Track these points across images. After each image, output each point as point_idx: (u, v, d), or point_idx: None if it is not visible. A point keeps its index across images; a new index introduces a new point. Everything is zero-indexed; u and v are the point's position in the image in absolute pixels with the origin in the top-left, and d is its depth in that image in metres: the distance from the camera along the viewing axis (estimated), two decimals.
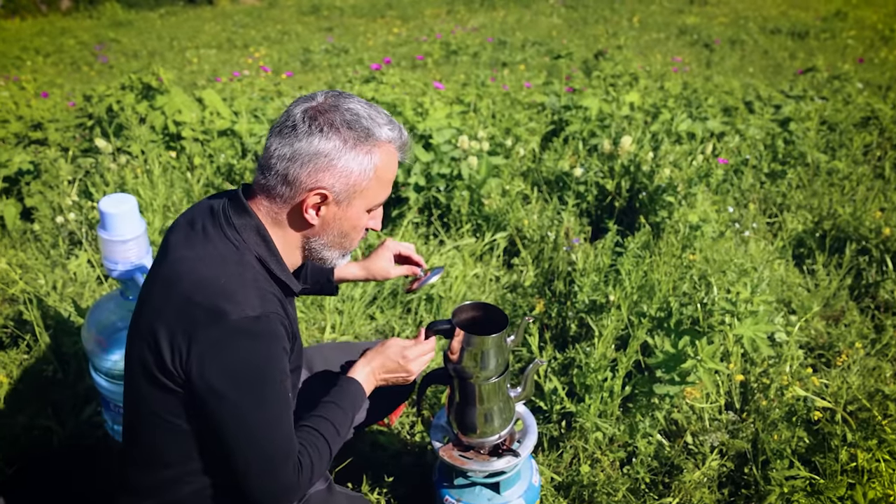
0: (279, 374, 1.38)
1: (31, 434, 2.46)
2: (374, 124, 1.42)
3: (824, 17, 14.27)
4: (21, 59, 12.86)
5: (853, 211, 3.26)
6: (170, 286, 1.39)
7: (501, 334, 1.76)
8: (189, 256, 1.41)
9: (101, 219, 2.14)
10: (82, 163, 3.87)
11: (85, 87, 7.73)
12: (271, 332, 1.36)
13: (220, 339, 1.31)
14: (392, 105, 3.71)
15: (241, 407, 1.34)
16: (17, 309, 2.95)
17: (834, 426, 2.13)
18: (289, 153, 1.38)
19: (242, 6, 22.28)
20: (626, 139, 3.35)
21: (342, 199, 1.43)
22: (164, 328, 1.36)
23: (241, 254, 1.41)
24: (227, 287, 1.35)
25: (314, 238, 1.49)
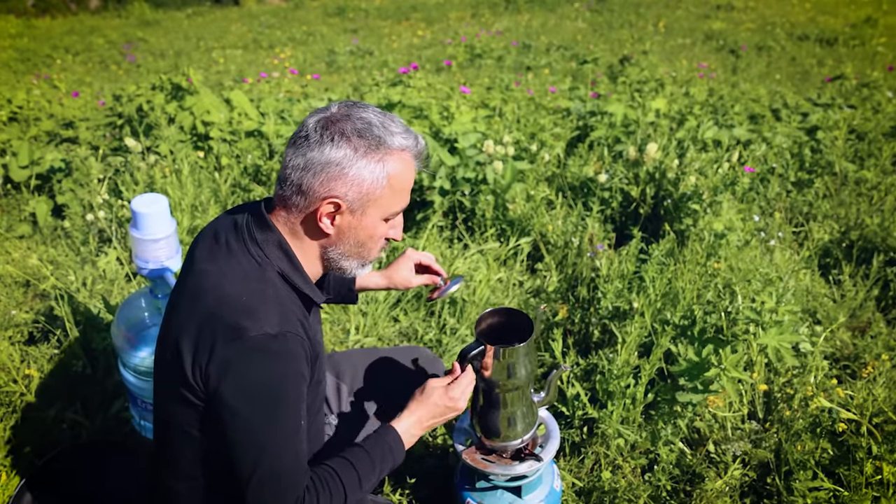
0: (293, 394, 1.39)
1: (60, 427, 2.51)
2: (387, 132, 1.42)
3: (853, 24, 14.10)
4: (51, 58, 13.05)
5: (881, 221, 3.23)
6: (194, 300, 1.42)
7: (530, 341, 1.77)
8: (213, 271, 1.44)
9: (133, 218, 2.19)
10: (112, 161, 3.93)
11: (113, 86, 7.84)
12: (288, 351, 1.37)
13: (238, 355, 1.34)
14: (419, 109, 3.74)
15: (251, 423, 1.36)
16: (48, 304, 3.01)
17: (859, 438, 2.12)
18: (302, 163, 1.39)
19: (268, 7, 22.46)
20: (652, 146, 3.35)
21: (356, 208, 1.43)
22: (188, 342, 1.39)
23: (263, 270, 1.44)
24: (249, 304, 1.37)
25: (331, 247, 1.49)
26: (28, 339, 2.93)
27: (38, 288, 3.24)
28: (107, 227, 3.41)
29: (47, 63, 12.74)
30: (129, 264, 3.26)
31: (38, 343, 2.84)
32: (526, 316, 1.83)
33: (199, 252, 1.51)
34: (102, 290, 3.07)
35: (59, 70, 11.05)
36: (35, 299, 3.22)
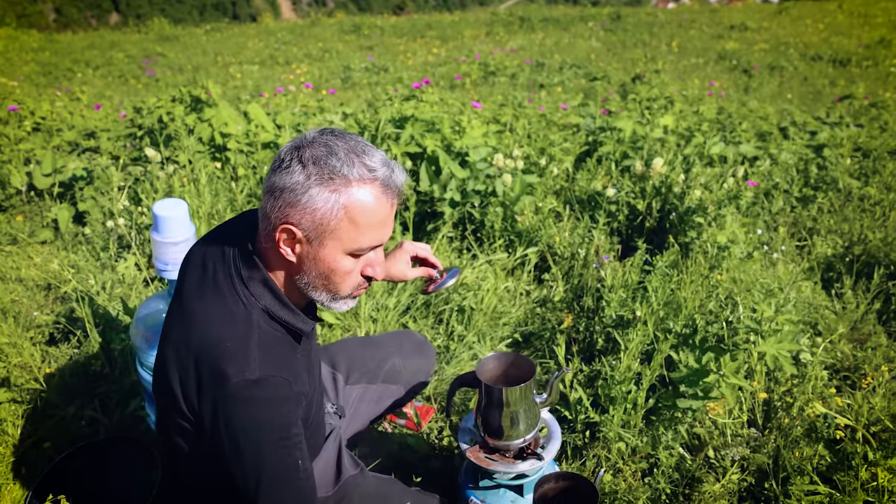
0: (277, 436, 1.42)
1: (79, 424, 2.60)
2: (347, 163, 1.37)
3: (867, 45, 14.14)
4: (72, 71, 13.29)
5: (884, 237, 3.28)
6: (183, 333, 1.48)
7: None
8: (200, 311, 1.47)
9: (154, 221, 2.28)
10: (132, 171, 4.04)
11: (133, 100, 7.99)
12: (269, 397, 1.40)
13: (223, 400, 1.39)
14: (431, 123, 3.83)
15: (248, 459, 1.41)
16: (69, 307, 3.10)
17: (855, 445, 2.17)
18: (267, 187, 1.40)
19: (285, 24, 22.76)
20: (658, 161, 3.42)
21: (312, 238, 1.40)
22: (177, 374, 1.46)
23: (248, 312, 1.45)
24: (232, 349, 1.40)
25: (297, 276, 1.48)
26: (48, 340, 3.02)
27: (59, 291, 3.34)
28: (126, 234, 3.51)
29: (68, 76, 12.96)
30: (148, 269, 3.35)
31: (58, 343, 2.94)
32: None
33: (188, 283, 1.54)
34: (121, 294, 3.17)
35: (79, 83, 11.25)
36: (56, 302, 3.32)
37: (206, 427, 1.43)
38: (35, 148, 4.42)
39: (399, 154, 3.69)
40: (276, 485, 1.42)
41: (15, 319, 3.07)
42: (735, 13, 20.43)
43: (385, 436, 2.53)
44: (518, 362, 2.04)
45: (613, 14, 18.79)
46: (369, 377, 2.18)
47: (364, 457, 2.37)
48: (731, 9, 23.36)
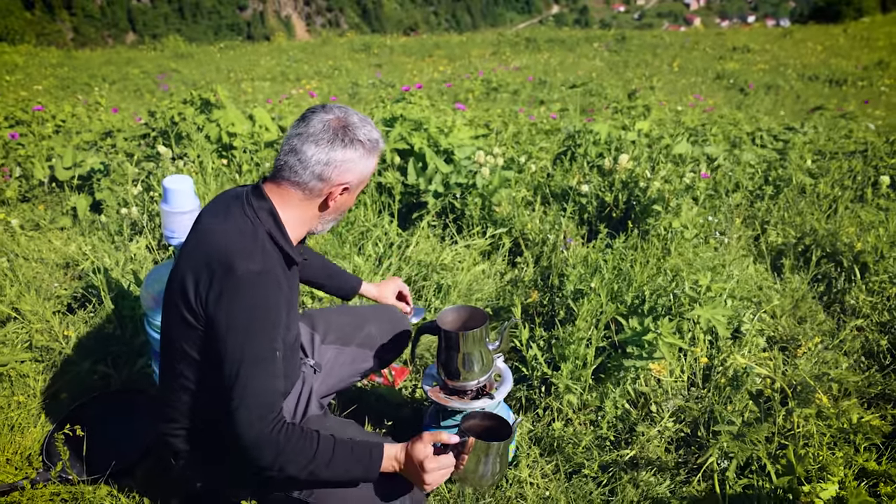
0: (271, 319, 1.77)
1: (92, 378, 2.92)
2: (379, 135, 1.92)
3: (865, 67, 14.44)
4: (89, 86, 13.73)
5: (830, 228, 3.58)
6: (197, 247, 1.83)
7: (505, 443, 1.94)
8: (216, 227, 1.84)
9: (163, 194, 2.60)
10: (145, 166, 4.39)
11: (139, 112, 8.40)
12: (268, 284, 1.76)
13: (231, 286, 1.73)
14: (418, 122, 4.16)
15: (236, 340, 1.72)
16: (86, 281, 3.43)
17: (774, 394, 2.45)
18: (326, 159, 1.82)
19: (297, 42, 23.26)
20: (624, 157, 3.73)
21: (354, 189, 1.91)
22: (192, 277, 1.79)
23: (255, 228, 1.83)
24: (241, 249, 1.76)
25: (327, 216, 1.95)
26: (66, 310, 3.35)
27: (77, 269, 3.67)
28: (139, 220, 3.85)
29: (85, 91, 13.39)
30: (157, 251, 3.68)
31: (75, 311, 3.27)
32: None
33: (205, 216, 1.92)
34: (133, 270, 3.50)
35: (96, 97, 11.70)
36: (73, 279, 3.65)
37: (211, 313, 1.75)
38: (56, 146, 4.79)
39: (388, 150, 4.02)
40: (256, 364, 1.73)
41: (37, 292, 3.40)
42: (740, 36, 20.82)
43: (362, 391, 2.83)
44: (474, 314, 2.34)
45: (618, 36, 19.19)
46: (344, 340, 2.46)
47: (341, 406, 2.67)
48: (737, 32, 23.76)
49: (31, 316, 3.19)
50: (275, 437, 1.71)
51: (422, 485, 1.84)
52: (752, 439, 2.22)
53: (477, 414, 2.02)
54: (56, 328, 3.13)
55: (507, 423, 1.96)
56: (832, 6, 36.83)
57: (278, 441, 1.71)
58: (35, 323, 3.16)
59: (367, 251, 3.55)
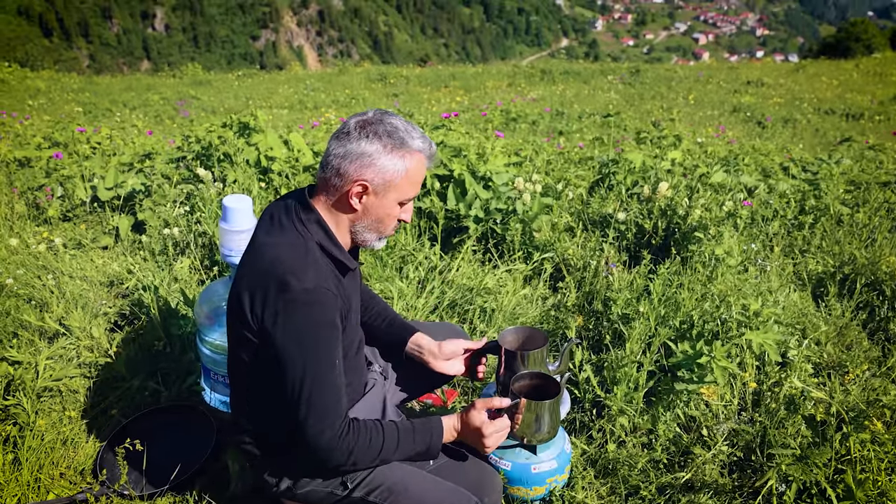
0: (327, 335, 1.80)
1: (142, 394, 2.94)
2: (409, 136, 1.85)
3: (881, 101, 14.52)
4: (111, 111, 13.91)
5: (870, 256, 3.60)
6: (254, 264, 1.88)
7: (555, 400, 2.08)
8: (269, 243, 1.88)
9: (223, 212, 2.65)
10: (184, 188, 4.45)
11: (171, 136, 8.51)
12: (323, 301, 1.79)
13: (285, 304, 1.77)
14: (458, 149, 4.22)
15: (294, 359, 1.78)
16: (135, 297, 3.47)
17: (830, 418, 2.46)
18: (342, 152, 1.84)
19: (314, 72, 23.54)
20: (664, 185, 3.78)
21: (379, 191, 1.86)
22: (248, 294, 1.84)
23: (305, 241, 1.87)
24: (293, 266, 1.80)
25: (358, 222, 1.92)
26: (111, 329, 3.38)
27: (121, 288, 3.71)
28: (181, 240, 3.89)
29: (106, 116, 13.56)
30: (201, 271, 3.72)
31: (123, 328, 3.30)
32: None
33: (259, 231, 1.97)
34: (176, 290, 3.53)
35: (112, 122, 11.85)
36: (117, 297, 3.69)
37: (268, 330, 1.79)
38: (94, 167, 4.86)
39: (428, 176, 4.07)
40: (317, 377, 1.78)
41: (83, 309, 3.44)
42: (753, 70, 20.97)
43: (413, 412, 2.84)
44: (533, 335, 2.37)
45: (633, 69, 19.35)
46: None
47: None
48: (750, 66, 23.93)
49: (80, 332, 3.22)
50: (345, 440, 1.80)
51: (483, 448, 1.98)
52: (815, 462, 2.22)
53: (525, 375, 2.18)
54: (104, 344, 3.17)
55: (555, 381, 2.12)
56: (841, 42, 37.16)
57: (349, 443, 1.81)
58: (83, 339, 3.19)
59: (410, 274, 3.58)
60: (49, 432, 2.71)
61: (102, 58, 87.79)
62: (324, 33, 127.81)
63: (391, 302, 3.43)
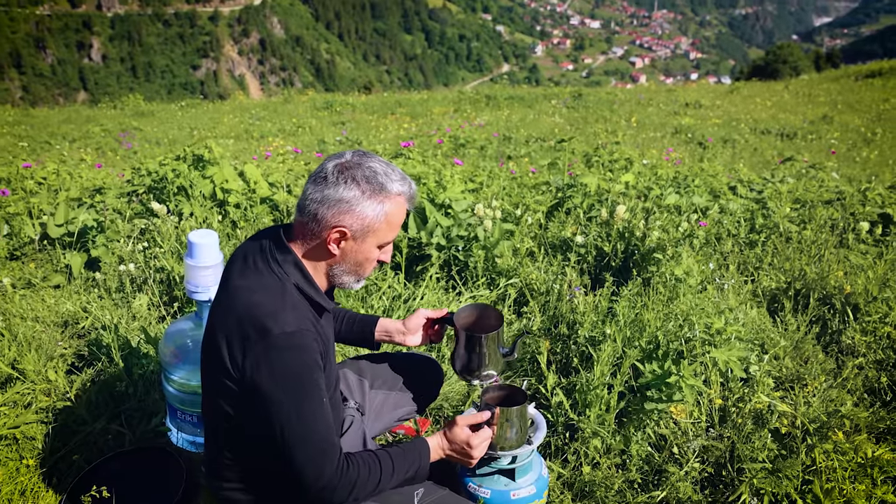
0: (311, 376, 1.78)
1: (105, 438, 2.85)
2: (389, 180, 1.82)
3: (811, 121, 15.11)
4: (49, 144, 13.56)
5: (819, 272, 3.73)
6: (229, 309, 1.84)
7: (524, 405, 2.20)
8: (244, 286, 1.85)
9: (188, 248, 2.61)
10: (137, 223, 4.36)
11: (116, 169, 8.34)
12: (304, 344, 1.77)
13: (266, 351, 1.74)
14: (417, 177, 4.24)
15: (283, 404, 1.74)
16: (91, 338, 3.38)
17: (795, 430, 2.53)
18: (319, 198, 1.81)
19: (259, 101, 23.38)
20: (621, 208, 3.86)
21: (358, 237, 1.84)
22: (225, 340, 1.80)
23: (282, 284, 1.85)
24: (272, 310, 1.78)
25: (336, 266, 1.91)
26: (68, 371, 3.28)
27: (77, 328, 3.60)
28: (138, 276, 3.81)
29: (45, 149, 13.20)
30: (159, 308, 3.64)
31: (81, 370, 3.20)
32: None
33: (233, 271, 1.93)
34: (136, 328, 3.45)
35: (56, 156, 11.55)
36: (73, 338, 3.58)
37: (251, 377, 1.74)
38: (42, 203, 4.73)
39: None
40: (308, 420, 1.75)
41: (37, 351, 3.33)
42: (690, 92, 21.62)
43: (388, 443, 2.82)
44: (487, 313, 2.41)
45: (575, 93, 19.74)
46: (389, 385, 2.52)
47: None
48: (686, 88, 24.67)
49: (35, 376, 3.12)
50: (345, 477, 1.78)
51: (469, 460, 2.04)
52: (785, 474, 2.28)
53: (493, 388, 2.30)
54: (62, 387, 3.07)
55: (522, 389, 2.25)
56: (770, 65, 38.68)
57: (350, 478, 1.79)
58: (39, 383, 3.09)
59: (374, 304, 3.57)
60: (6, 484, 2.60)
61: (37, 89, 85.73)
62: (265, 62, 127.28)
63: None
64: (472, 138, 11.87)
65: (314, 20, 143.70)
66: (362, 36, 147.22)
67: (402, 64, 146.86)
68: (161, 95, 34.00)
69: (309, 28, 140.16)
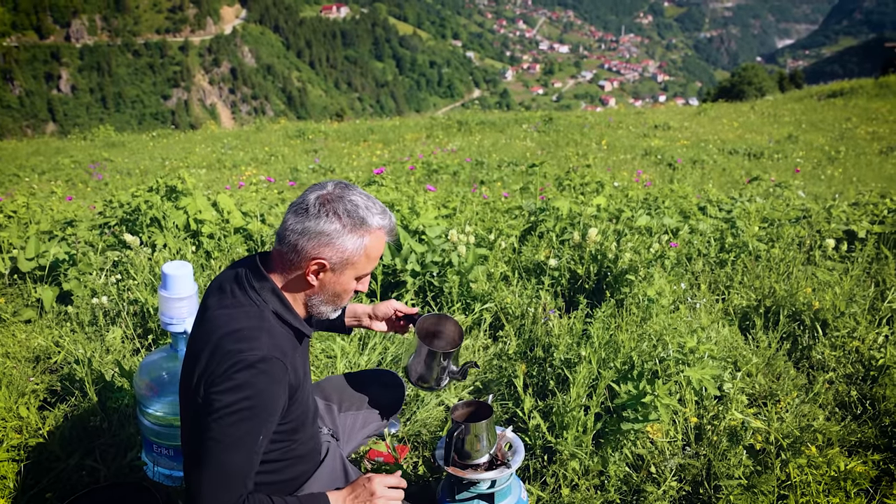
0: (269, 406, 1.77)
1: (79, 475, 2.81)
2: (369, 214, 1.85)
3: (777, 140, 15.41)
4: (18, 176, 13.39)
5: (789, 288, 3.81)
6: (208, 335, 1.85)
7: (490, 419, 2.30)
8: (223, 314, 1.86)
9: (162, 279, 2.60)
10: (110, 255, 4.33)
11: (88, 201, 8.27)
12: (270, 372, 1.77)
13: (231, 368, 1.74)
14: (390, 204, 4.26)
15: (222, 419, 1.73)
16: (65, 372, 3.33)
17: (769, 446, 2.56)
18: (300, 229, 1.83)
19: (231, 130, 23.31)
20: (593, 231, 3.91)
21: (337, 269, 1.88)
22: (200, 365, 1.81)
23: (260, 311, 1.87)
24: (247, 335, 1.79)
25: (314, 296, 1.93)
26: (40, 407, 3.23)
27: (49, 363, 3.56)
28: (111, 309, 3.78)
29: (13, 182, 13.03)
30: (133, 340, 3.61)
31: (54, 405, 3.16)
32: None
33: (210, 301, 1.94)
34: (110, 361, 3.41)
35: (25, 188, 11.41)
36: (45, 373, 3.54)
37: (206, 392, 1.74)
38: (11, 237, 4.68)
39: None
40: (237, 447, 1.74)
41: (7, 388, 3.28)
42: (659, 114, 21.95)
43: (367, 470, 2.81)
44: (447, 329, 2.49)
45: (546, 117, 19.94)
46: (357, 405, 2.53)
47: None
48: (655, 111, 25.06)
49: (5, 413, 3.07)
50: None
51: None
52: (761, 490, 2.31)
53: (460, 405, 2.38)
54: (34, 423, 3.02)
55: (487, 404, 2.36)
56: (735, 86, 39.47)
57: None
58: (10, 420, 3.04)
59: None
60: None
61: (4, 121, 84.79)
62: (237, 91, 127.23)
63: (334, 360, 3.41)
64: (445, 164, 11.94)
65: (285, 49, 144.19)
66: (333, 64, 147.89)
67: (373, 91, 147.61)
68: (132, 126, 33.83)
69: (280, 56, 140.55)
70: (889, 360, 3.27)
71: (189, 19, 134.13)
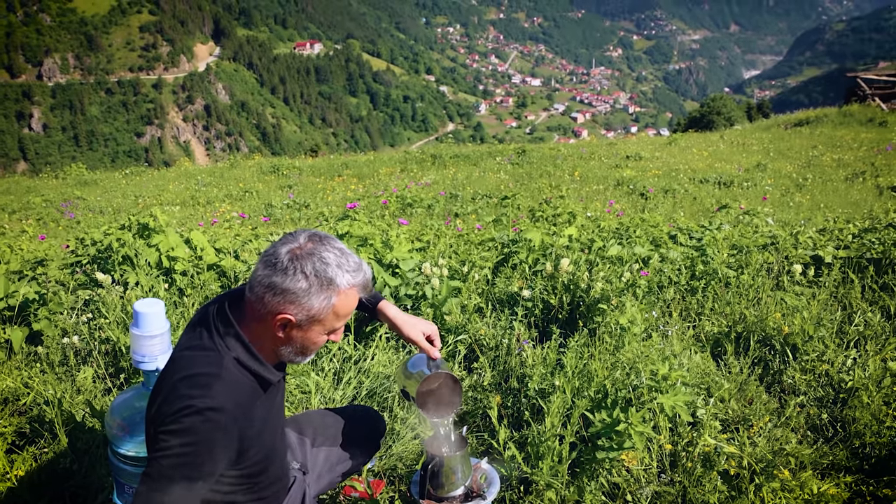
0: (207, 455, 1.76)
1: None
2: (339, 272, 1.83)
3: (747, 169, 15.68)
4: None
5: (759, 314, 3.87)
6: (170, 375, 1.87)
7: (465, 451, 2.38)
8: (186, 355, 1.89)
9: (134, 317, 2.58)
10: (81, 294, 4.29)
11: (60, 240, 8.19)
12: (217, 420, 1.76)
13: (179, 410, 1.75)
14: (363, 238, 4.28)
15: (162, 460, 1.73)
16: (33, 415, 3.28)
17: (743, 470, 2.59)
18: (267, 283, 1.83)
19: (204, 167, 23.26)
20: (565, 261, 3.95)
21: (304, 325, 1.87)
22: (155, 405, 1.84)
23: (221, 357, 1.86)
24: (201, 381, 1.80)
25: (282, 347, 1.92)
26: (9, 450, 3.17)
27: (17, 405, 3.50)
28: (83, 348, 3.73)
29: None
30: (105, 380, 3.57)
31: (23, 448, 3.10)
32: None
33: (183, 338, 1.97)
34: (81, 402, 3.37)
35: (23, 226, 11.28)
36: (14, 415, 3.48)
37: (155, 430, 1.77)
38: None
39: None
40: (170, 486, 1.72)
41: None
42: (630, 145, 22.27)
43: None
44: (449, 400, 2.41)
45: (519, 149, 20.14)
46: (331, 441, 2.51)
47: None
48: (627, 141, 25.43)
49: None
50: None
51: None
52: None
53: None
54: (2, 467, 2.97)
55: (462, 435, 2.42)
56: (705, 116, 40.22)
57: None
58: None
59: (325, 367, 3.56)
60: None
61: None
62: (211, 127, 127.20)
63: (308, 396, 3.39)
64: (419, 197, 11.99)
65: (259, 85, 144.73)
66: (307, 100, 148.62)
67: (348, 126, 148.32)
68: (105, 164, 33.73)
69: (254, 93, 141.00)
70: (857, 382, 3.33)
71: (162, 57, 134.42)
